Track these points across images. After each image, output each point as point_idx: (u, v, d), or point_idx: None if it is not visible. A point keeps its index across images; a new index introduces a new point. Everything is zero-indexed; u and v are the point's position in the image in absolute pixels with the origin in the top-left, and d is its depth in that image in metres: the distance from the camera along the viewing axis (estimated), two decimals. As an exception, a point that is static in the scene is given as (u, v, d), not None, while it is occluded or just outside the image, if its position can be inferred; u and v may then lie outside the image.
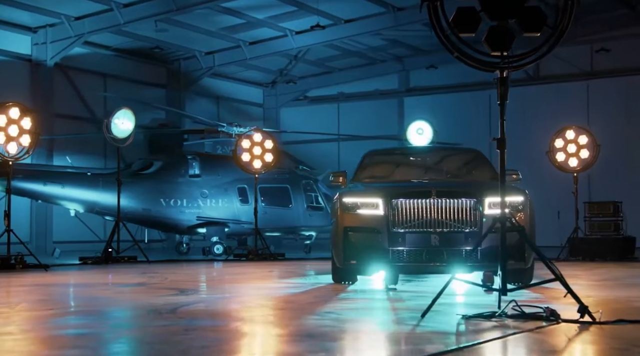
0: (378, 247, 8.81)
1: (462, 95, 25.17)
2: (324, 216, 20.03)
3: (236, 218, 19.22)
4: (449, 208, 8.62)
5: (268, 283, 10.72)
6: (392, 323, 6.07)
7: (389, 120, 26.23)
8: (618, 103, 22.56)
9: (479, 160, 10.75)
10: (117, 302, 8.14)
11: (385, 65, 26.65)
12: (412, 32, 23.83)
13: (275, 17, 22.82)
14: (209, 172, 19.22)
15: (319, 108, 27.55)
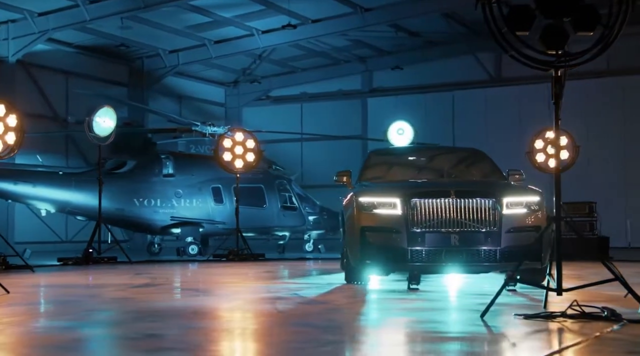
0: (397, 247, 8.81)
1: (426, 96, 25.44)
2: (298, 216, 20.06)
3: (210, 218, 19.10)
4: (468, 208, 8.69)
5: (282, 283, 10.64)
6: (466, 325, 5.98)
7: (352, 121, 26.38)
8: (580, 106, 23.02)
9: (484, 160, 10.90)
10: (170, 305, 7.94)
11: (348, 66, 26.77)
12: (376, 33, 23.98)
13: (243, 16, 22.72)
14: (183, 172, 19.05)
15: (281, 108, 27.53)
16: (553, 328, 5.56)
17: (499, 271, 9.45)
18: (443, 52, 24.90)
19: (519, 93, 24.34)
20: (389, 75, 26.22)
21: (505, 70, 24.85)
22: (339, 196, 12.26)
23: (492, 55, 24.84)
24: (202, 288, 10.06)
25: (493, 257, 8.68)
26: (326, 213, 20.63)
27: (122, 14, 21.34)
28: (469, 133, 23.88)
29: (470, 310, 6.75)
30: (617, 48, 7.46)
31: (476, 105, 24.59)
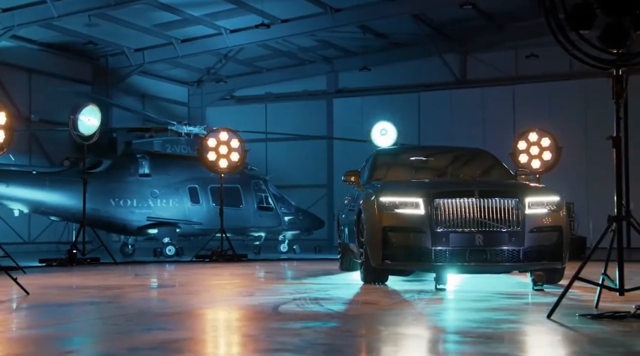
0: (420, 247, 8.84)
1: (392, 97, 25.61)
2: (274, 216, 20.01)
3: (187, 218, 18.92)
4: (492, 208, 8.78)
5: (300, 284, 10.51)
6: (546, 326, 5.92)
7: (317, 121, 26.42)
8: (543, 108, 23.50)
9: (492, 161, 11.04)
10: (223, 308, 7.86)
11: (314, 66, 26.79)
12: (343, 34, 24.05)
13: (212, 14, 22.56)
14: (159, 172, 18.83)
15: (246, 108, 27.40)
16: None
17: (520, 271, 9.61)
18: (410, 53, 25.12)
19: (484, 94, 24.70)
20: (355, 76, 26.34)
21: (470, 72, 25.20)
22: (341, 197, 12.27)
23: (458, 57, 25.17)
24: (225, 291, 9.95)
25: (516, 256, 8.79)
26: (301, 214, 20.65)
27: (91, 11, 21.02)
28: (434, 133, 24.13)
29: (529, 311, 6.81)
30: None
31: (442, 106, 24.88)
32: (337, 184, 26.29)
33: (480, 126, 23.95)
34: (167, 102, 27.60)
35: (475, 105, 24.68)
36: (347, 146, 25.54)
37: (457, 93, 25.03)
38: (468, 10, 22.90)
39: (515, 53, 24.56)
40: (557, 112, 23.07)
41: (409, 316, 6.50)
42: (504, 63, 24.58)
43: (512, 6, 22.97)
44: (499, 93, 24.60)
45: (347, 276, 11.33)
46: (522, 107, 24.19)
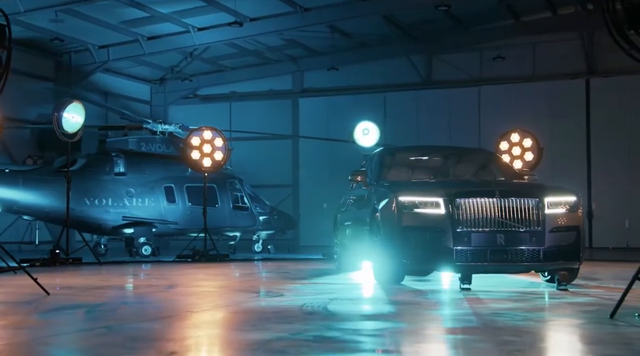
0: (441, 247, 8.87)
1: (358, 97, 25.67)
2: (249, 216, 19.93)
3: (163, 218, 18.72)
4: (513, 207, 8.87)
5: (312, 284, 10.54)
6: (606, 325, 5.97)
7: (283, 121, 26.34)
8: (508, 109, 23.84)
9: (497, 161, 11.19)
10: (267, 307, 7.77)
11: (279, 65, 26.69)
12: (311, 33, 24.01)
13: (181, 12, 22.31)
14: (134, 170, 18.59)
15: (209, 107, 27.15)
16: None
17: (538, 271, 9.72)
18: (377, 53, 25.23)
19: (450, 95, 24.95)
20: (321, 75, 26.34)
21: (436, 73, 25.44)
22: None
23: (424, 57, 25.37)
24: (251, 292, 9.85)
25: (536, 256, 8.89)
26: (276, 213, 20.60)
27: (58, 7, 20.61)
28: (400, 134, 24.25)
29: (586, 311, 6.87)
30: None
31: (408, 106, 25.04)
32: (303, 184, 26.33)
33: (446, 126, 24.19)
34: (130, 100, 27.19)
35: (441, 106, 24.91)
36: (313, 146, 25.62)
37: (423, 93, 25.24)
38: (435, 12, 23.08)
39: (480, 55, 24.88)
40: (522, 113, 23.38)
41: (476, 317, 6.54)
42: (469, 64, 24.89)
43: (478, 8, 23.26)
44: (464, 94, 24.88)
45: (352, 276, 11.36)
46: (487, 108, 24.52)
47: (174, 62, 26.46)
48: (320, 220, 23.77)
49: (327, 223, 23.98)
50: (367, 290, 9.09)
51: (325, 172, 25.51)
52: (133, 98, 27.40)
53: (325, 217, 24.25)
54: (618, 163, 23.14)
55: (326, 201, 25.06)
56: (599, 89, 23.68)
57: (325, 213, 24.28)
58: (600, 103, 23.62)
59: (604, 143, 23.39)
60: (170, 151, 19.22)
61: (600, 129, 23.49)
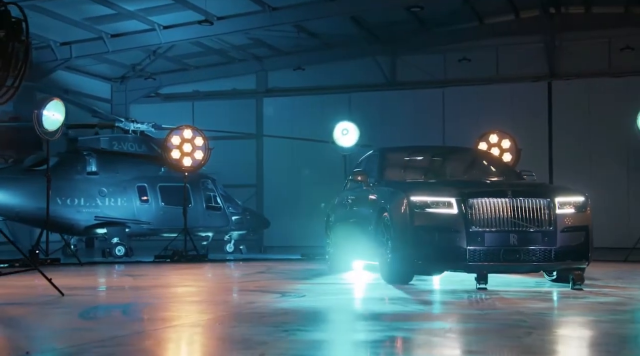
0: (455, 246, 8.95)
1: (323, 97, 25.67)
2: (222, 216, 19.77)
3: (136, 218, 18.46)
4: (525, 207, 9.00)
5: (318, 283, 10.49)
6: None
7: (246, 120, 26.15)
8: (472, 111, 24.12)
9: (497, 161, 11.32)
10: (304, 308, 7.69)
11: (243, 65, 26.51)
12: (276, 32, 23.90)
13: (147, 9, 22.00)
14: (107, 170, 18.29)
15: (172, 106, 26.81)
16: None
17: (547, 271, 9.82)
18: (342, 54, 25.25)
19: (414, 96, 25.11)
20: (285, 75, 26.25)
21: (400, 74, 25.58)
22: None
23: (389, 58, 25.49)
24: (264, 289, 9.76)
25: (548, 256, 9.03)
26: (249, 213, 20.49)
27: (21, 2, 20.06)
28: (364, 134, 24.26)
29: (623, 311, 6.96)
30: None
31: (372, 107, 25.11)
32: (267, 184, 26.21)
33: (410, 127, 24.30)
34: (90, 98, 26.67)
35: (405, 107, 25.03)
36: (277, 146, 25.53)
37: (388, 94, 25.34)
38: (400, 13, 23.28)
39: (444, 56, 25.10)
40: (486, 115, 23.67)
41: (524, 316, 6.57)
42: (434, 66, 25.09)
43: (443, 11, 23.47)
44: (428, 95, 25.07)
45: (352, 276, 11.37)
46: (451, 109, 24.75)
47: (137, 60, 26.07)
48: (287, 220, 23.78)
49: (295, 224, 24.20)
50: (384, 290, 9.06)
51: (289, 172, 25.47)
52: (93, 96, 26.90)
53: (296, 217, 24.35)
54: (579, 164, 23.57)
55: (289, 201, 25.12)
56: (561, 91, 24.11)
57: (299, 213, 24.32)
58: (562, 106, 24.04)
59: (565, 145, 23.81)
60: (143, 150, 18.97)
61: (562, 131, 23.90)
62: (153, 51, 25.14)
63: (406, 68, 25.43)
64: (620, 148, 23.20)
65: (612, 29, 23.60)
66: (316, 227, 24.22)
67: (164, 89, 27.42)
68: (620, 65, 23.62)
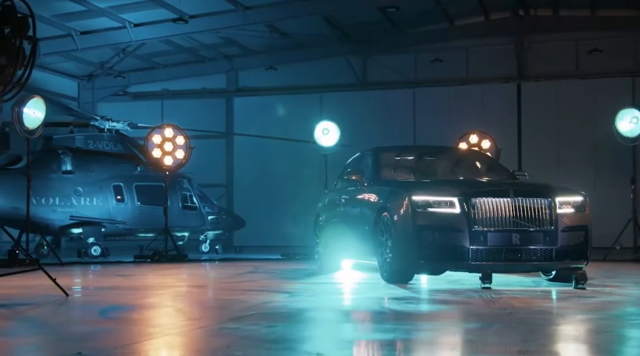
0: (458, 246, 8.97)
1: (294, 97, 25.65)
2: (198, 216, 19.63)
3: (112, 217, 18.23)
4: (527, 207, 9.07)
5: (315, 283, 10.42)
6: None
7: (217, 119, 25.99)
8: (442, 111, 24.30)
9: (490, 161, 11.40)
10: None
11: (213, 64, 26.35)
12: (248, 32, 23.79)
13: (118, 7, 21.74)
14: (82, 169, 18.02)
15: (140, 105, 26.50)
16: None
17: (546, 270, 9.90)
18: (314, 54, 25.23)
19: (384, 97, 25.19)
20: (256, 74, 26.17)
21: (371, 74, 25.65)
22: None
23: (360, 58, 25.54)
24: (268, 288, 9.70)
25: (549, 255, 9.10)
26: (224, 213, 20.38)
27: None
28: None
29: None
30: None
31: (343, 107, 25.09)
32: (237, 183, 26.08)
33: (382, 127, 24.36)
34: (56, 96, 26.26)
35: (376, 107, 25.11)
36: (247, 146, 25.42)
37: (359, 94, 25.39)
38: (372, 14, 23.37)
39: (415, 57, 25.23)
40: (456, 115, 23.86)
41: (550, 316, 6.63)
42: (404, 66, 25.20)
43: (414, 12, 23.59)
44: (399, 95, 25.18)
45: (348, 275, 11.36)
46: (422, 109, 24.88)
47: (105, 58, 25.74)
48: (257, 220, 23.68)
49: (265, 224, 24.13)
50: (390, 289, 9.04)
51: (259, 172, 25.39)
52: (60, 94, 26.45)
53: (266, 217, 24.28)
54: (548, 163, 23.86)
55: (260, 201, 25.03)
56: (530, 92, 24.40)
57: (269, 213, 24.26)
58: (530, 106, 24.32)
59: (534, 145, 24.10)
60: (119, 149, 18.76)
61: (531, 131, 24.19)
62: (122, 49, 24.85)
63: (377, 68, 25.51)
64: (587, 148, 23.60)
65: (579, 32, 23.96)
66: (288, 227, 24.36)
67: (133, 87, 27.13)
68: (588, 67, 23.99)
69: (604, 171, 23.36)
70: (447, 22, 24.74)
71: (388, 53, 25.27)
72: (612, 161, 22.89)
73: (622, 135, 15.80)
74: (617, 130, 15.84)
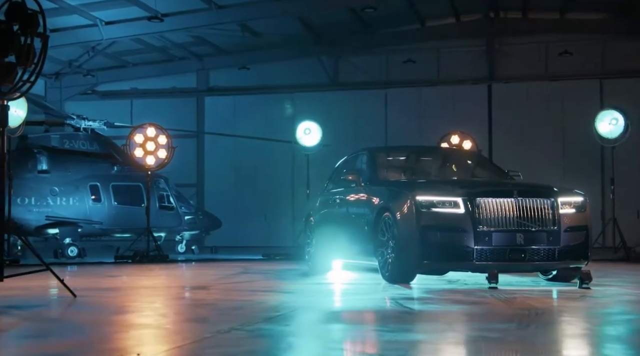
0: (462, 246, 9.01)
1: (266, 97, 25.57)
2: (175, 216, 19.45)
3: (88, 217, 17.97)
4: (530, 207, 9.15)
5: (314, 283, 10.40)
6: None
7: (187, 119, 25.78)
8: (414, 112, 24.42)
9: (485, 162, 11.50)
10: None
11: (184, 63, 26.13)
12: (220, 31, 23.64)
13: (89, 5, 21.44)
14: (58, 168, 17.74)
15: (109, 104, 26.18)
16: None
17: (547, 270, 9.98)
18: (286, 54, 25.16)
19: (356, 97, 25.22)
20: (227, 74, 26.03)
21: (343, 75, 25.67)
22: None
23: (332, 59, 25.54)
24: (274, 289, 9.62)
25: (552, 255, 9.19)
26: (201, 213, 20.23)
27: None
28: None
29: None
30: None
31: (315, 107, 25.05)
32: (208, 183, 25.91)
33: (353, 127, 24.40)
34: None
35: (347, 108, 25.11)
36: (218, 145, 25.28)
37: (330, 95, 25.38)
38: (345, 14, 23.38)
39: (387, 58, 25.32)
40: (428, 116, 24.03)
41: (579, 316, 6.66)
42: (376, 67, 25.28)
43: (386, 13, 23.64)
44: (371, 96, 25.23)
45: (343, 276, 11.34)
46: (393, 110, 24.97)
47: (73, 56, 25.35)
48: (229, 220, 23.52)
49: (237, 224, 23.98)
50: (397, 289, 9.01)
51: (231, 172, 25.27)
52: (27, 92, 26.00)
53: (238, 217, 24.13)
54: (518, 164, 23.88)
55: (231, 201, 24.90)
56: (500, 93, 24.62)
57: (241, 213, 24.12)
58: (501, 108, 24.54)
59: (505, 146, 24.31)
60: (95, 148, 18.50)
61: (502, 132, 24.42)
62: (92, 47, 24.50)
63: (349, 68, 25.55)
64: (557, 149, 23.91)
65: (549, 34, 24.27)
66: (259, 227, 24.30)
67: (101, 86, 26.78)
68: (557, 69, 24.31)
69: (572, 171, 23.65)
70: (418, 23, 24.85)
71: (360, 54, 25.33)
72: (580, 162, 23.28)
73: (602, 137, 16.02)
74: (596, 131, 16.06)
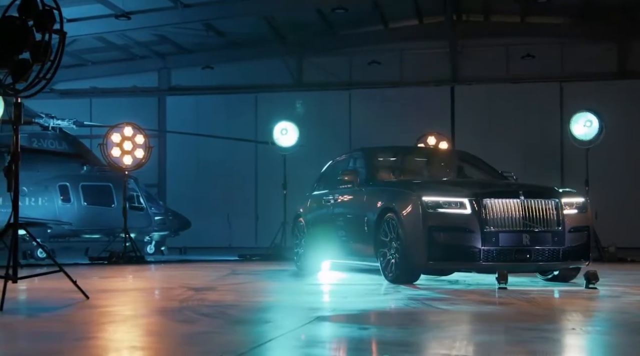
0: (469, 246, 9.04)
1: (229, 97, 25.37)
2: (145, 217, 19.16)
3: (57, 218, 17.58)
4: (536, 208, 9.24)
5: (313, 284, 10.34)
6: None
7: (148, 119, 25.29)
8: (378, 113, 24.48)
9: (479, 162, 11.53)
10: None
11: (145, 62, 25.77)
12: (183, 30, 23.37)
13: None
14: (27, 168, 17.20)
15: (68, 103, 25.62)
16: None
17: (549, 270, 10.07)
18: (250, 54, 25.00)
19: (320, 98, 25.18)
20: (190, 74, 25.76)
21: (307, 76, 25.60)
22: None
23: (296, 59, 25.46)
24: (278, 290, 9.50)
25: (557, 256, 9.28)
26: (171, 214, 19.95)
27: None
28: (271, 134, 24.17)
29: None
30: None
31: (278, 107, 24.90)
32: (170, 184, 25.60)
33: (317, 128, 24.31)
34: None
35: (311, 108, 24.99)
36: (180, 145, 25.00)
37: (294, 95, 25.27)
38: (309, 15, 23.34)
39: (350, 59, 25.35)
40: (392, 117, 24.11)
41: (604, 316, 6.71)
42: (340, 68, 25.28)
43: (350, 14, 23.64)
44: (334, 97, 25.21)
45: (331, 276, 11.29)
46: (357, 111, 24.98)
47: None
48: (192, 221, 23.25)
49: (200, 224, 23.68)
50: (406, 290, 8.98)
51: (194, 172, 25.01)
52: (-18, 90, 25.34)
53: (201, 217, 23.82)
54: (481, 166, 24.32)
55: (194, 201, 24.61)
56: (463, 95, 24.84)
57: (204, 213, 23.84)
58: (463, 109, 24.75)
59: (467, 147, 24.25)
60: (64, 148, 18.09)
61: (464, 133, 24.60)
62: (52, 45, 23.95)
63: (313, 69, 25.50)
64: (518, 150, 24.19)
65: (510, 37, 24.57)
66: (222, 227, 24.10)
67: (60, 84, 26.19)
68: (518, 72, 24.63)
69: (533, 172, 23.86)
70: (382, 24, 24.92)
71: (324, 54, 25.31)
72: (541, 163, 23.61)
73: (577, 139, 16.25)
74: (571, 133, 16.28)
